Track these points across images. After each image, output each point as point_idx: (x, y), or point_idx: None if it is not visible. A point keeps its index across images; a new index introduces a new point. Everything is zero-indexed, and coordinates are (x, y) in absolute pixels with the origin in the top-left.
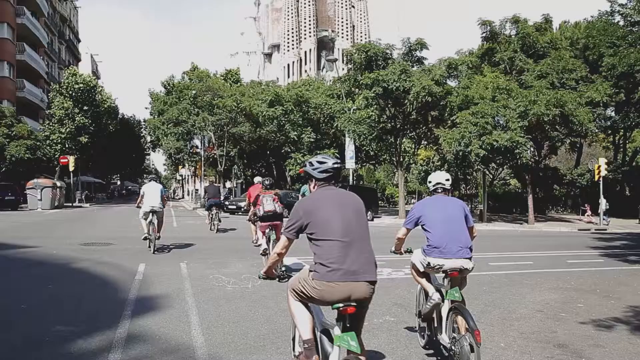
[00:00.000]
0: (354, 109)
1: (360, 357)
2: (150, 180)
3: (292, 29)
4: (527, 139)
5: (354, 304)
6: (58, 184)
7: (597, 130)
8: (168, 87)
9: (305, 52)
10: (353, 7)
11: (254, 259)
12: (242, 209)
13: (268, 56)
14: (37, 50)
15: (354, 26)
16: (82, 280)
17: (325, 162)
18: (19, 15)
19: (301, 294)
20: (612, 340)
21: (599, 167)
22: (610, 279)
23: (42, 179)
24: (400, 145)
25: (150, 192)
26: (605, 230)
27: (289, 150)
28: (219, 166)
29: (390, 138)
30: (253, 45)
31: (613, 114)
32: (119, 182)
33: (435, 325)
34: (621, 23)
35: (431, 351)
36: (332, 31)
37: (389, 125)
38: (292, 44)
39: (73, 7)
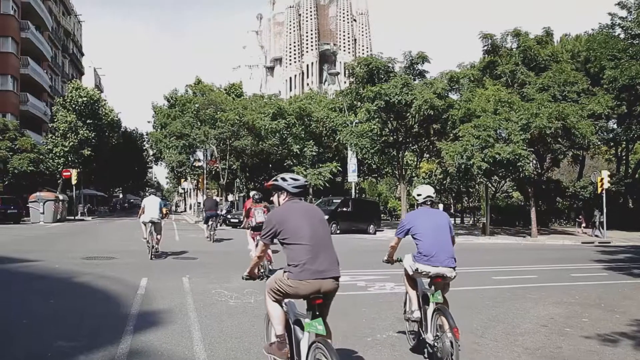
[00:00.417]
0: (356, 122)
1: (326, 338)
2: (150, 194)
3: (294, 42)
4: (529, 152)
5: (322, 296)
6: (60, 197)
7: (599, 143)
8: (171, 101)
9: (307, 65)
10: (355, 20)
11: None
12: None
13: (270, 69)
14: (41, 64)
15: (355, 39)
16: (84, 294)
17: (298, 180)
18: (23, 29)
19: (278, 292)
20: (618, 356)
21: (602, 179)
22: (614, 293)
23: (44, 192)
24: (402, 159)
25: (150, 205)
26: (609, 242)
27: (291, 163)
28: (222, 179)
29: (393, 151)
30: (255, 58)
31: (615, 126)
32: (121, 195)
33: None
34: (622, 36)
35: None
36: (334, 44)
37: (391, 138)
38: (294, 58)
39: (77, 22)
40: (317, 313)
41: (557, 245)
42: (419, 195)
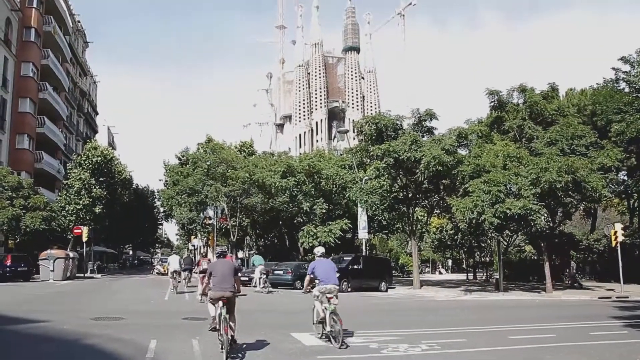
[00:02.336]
0: (365, 179)
1: (230, 323)
2: (172, 254)
3: (304, 100)
4: (540, 206)
5: (225, 300)
6: (71, 254)
7: (611, 195)
8: (182, 159)
9: (317, 122)
10: (363, 78)
11: (267, 334)
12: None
13: (280, 127)
14: (56, 123)
15: (364, 97)
16: (92, 359)
17: (225, 248)
18: (41, 90)
19: (210, 299)
20: None
21: (616, 232)
22: (636, 352)
23: (55, 249)
24: (412, 215)
25: (173, 261)
26: (627, 297)
27: (302, 221)
28: (232, 236)
29: (403, 207)
30: (265, 116)
31: (626, 177)
32: (131, 252)
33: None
34: (626, 90)
35: (324, 340)
36: (343, 102)
37: (401, 194)
38: (304, 115)
39: (92, 82)
40: (226, 309)
41: (573, 301)
42: (317, 252)
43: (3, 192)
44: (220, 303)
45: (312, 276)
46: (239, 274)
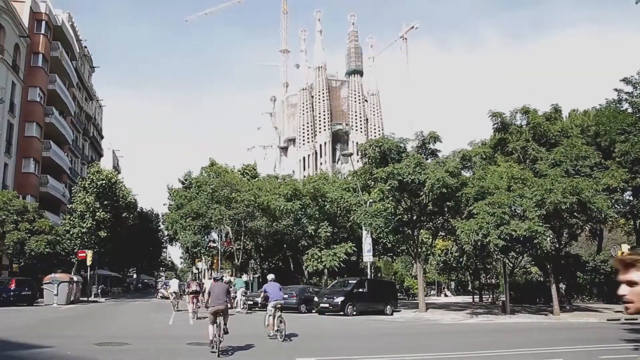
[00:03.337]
0: (370, 202)
1: (223, 332)
2: (173, 278)
3: (307, 123)
4: (545, 228)
5: (220, 311)
6: (75, 278)
7: (616, 216)
8: (185, 183)
9: (320, 145)
10: (366, 101)
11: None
12: (259, 304)
13: (284, 149)
14: (62, 147)
15: (367, 119)
16: None
17: (221, 274)
18: (47, 114)
19: (210, 312)
20: None
21: (622, 253)
22: None
23: (59, 273)
24: (417, 237)
25: (174, 284)
26: (637, 320)
27: (306, 244)
28: (236, 260)
29: (407, 230)
30: (269, 139)
31: (632, 197)
32: (134, 275)
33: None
34: (629, 110)
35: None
36: (346, 124)
37: (406, 217)
38: (308, 138)
39: (98, 106)
40: (218, 321)
41: (581, 324)
42: (269, 277)
43: (8, 216)
44: (216, 314)
45: (266, 294)
46: (230, 294)
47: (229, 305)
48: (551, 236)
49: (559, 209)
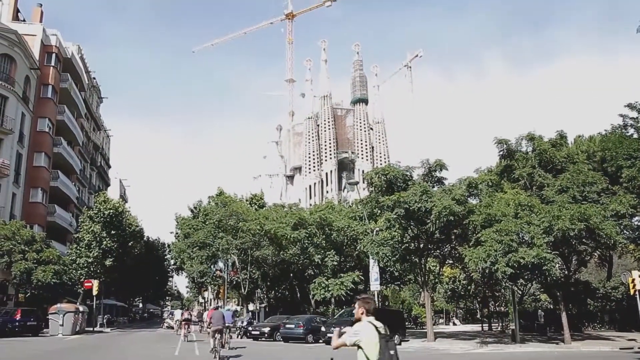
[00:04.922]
0: (376, 231)
1: (221, 341)
2: (178, 308)
3: (313, 151)
4: (554, 255)
5: (218, 330)
6: (80, 308)
7: (626, 242)
8: (194, 212)
9: (326, 173)
10: (372, 129)
11: None
12: (266, 335)
13: (290, 178)
14: (70, 177)
15: (373, 147)
16: None
17: (217, 304)
18: (56, 144)
19: (212, 331)
20: None
21: (634, 280)
22: None
23: (65, 303)
24: (424, 265)
25: (178, 313)
26: None
27: (313, 273)
28: (242, 289)
29: (415, 258)
30: (275, 167)
31: None
32: (140, 305)
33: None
34: (635, 136)
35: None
36: (352, 152)
37: (413, 245)
38: (314, 166)
39: (106, 136)
40: (218, 336)
41: (593, 353)
42: (226, 308)
43: (16, 246)
44: (216, 334)
45: (209, 320)
46: (225, 320)
47: (225, 326)
48: (560, 263)
49: (567, 236)
